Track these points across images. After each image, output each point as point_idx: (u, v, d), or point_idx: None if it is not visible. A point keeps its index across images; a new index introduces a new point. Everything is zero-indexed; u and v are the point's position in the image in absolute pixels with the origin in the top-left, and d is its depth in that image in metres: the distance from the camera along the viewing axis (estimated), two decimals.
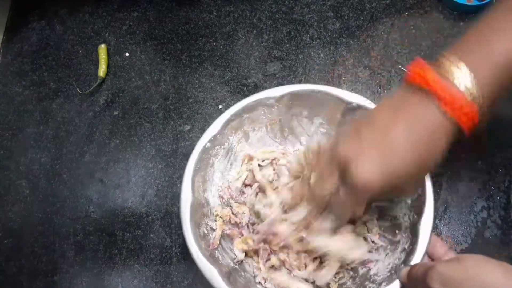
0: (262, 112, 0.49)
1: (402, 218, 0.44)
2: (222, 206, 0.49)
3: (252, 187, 0.49)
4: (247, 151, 0.51)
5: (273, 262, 0.45)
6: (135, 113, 0.62)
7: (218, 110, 0.60)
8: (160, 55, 0.65)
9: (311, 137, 0.52)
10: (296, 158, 0.46)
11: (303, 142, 0.52)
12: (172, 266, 0.52)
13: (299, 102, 0.49)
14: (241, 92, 0.61)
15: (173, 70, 0.64)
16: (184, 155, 0.58)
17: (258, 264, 0.46)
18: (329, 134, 0.50)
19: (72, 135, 0.62)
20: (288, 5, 0.66)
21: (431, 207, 0.40)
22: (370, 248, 0.45)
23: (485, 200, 0.51)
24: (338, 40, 0.62)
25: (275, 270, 0.45)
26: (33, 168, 0.60)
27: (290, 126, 0.51)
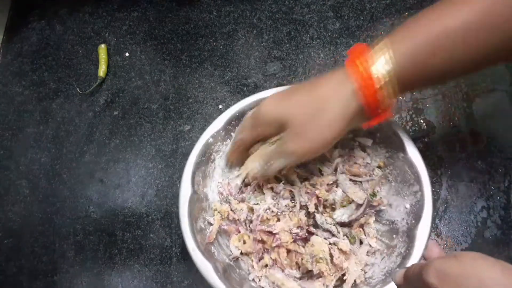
0: None
1: (400, 222, 0.44)
2: (221, 202, 0.49)
3: (251, 185, 0.49)
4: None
5: (266, 261, 0.45)
6: (135, 113, 0.62)
7: (218, 110, 0.60)
8: (160, 55, 0.65)
9: None
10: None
11: None
12: (172, 266, 0.52)
13: None
14: (241, 92, 0.61)
15: (173, 70, 0.64)
16: (184, 155, 0.58)
17: (252, 262, 0.46)
18: None
19: (72, 135, 0.62)
20: (288, 5, 0.66)
21: (429, 213, 0.40)
22: (367, 251, 0.45)
23: (485, 200, 0.51)
24: (338, 40, 0.62)
25: (270, 268, 0.45)
26: (33, 168, 0.60)
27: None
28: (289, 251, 0.45)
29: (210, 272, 0.40)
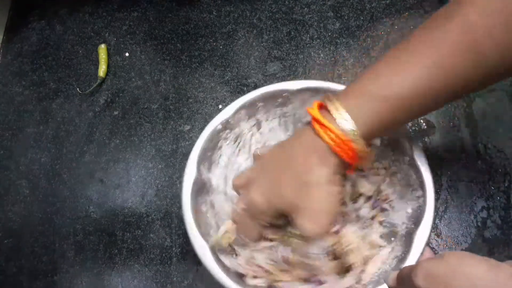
0: (277, 103, 0.49)
1: (400, 226, 0.44)
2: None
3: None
4: (258, 140, 0.51)
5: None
6: (135, 113, 0.62)
7: (218, 110, 0.60)
8: (160, 55, 0.65)
9: None
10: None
11: None
12: (172, 266, 0.52)
13: (316, 98, 0.49)
14: (241, 92, 0.61)
15: (173, 70, 0.64)
16: (184, 155, 0.58)
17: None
18: None
19: (72, 135, 0.62)
20: (288, 5, 0.66)
21: (430, 219, 0.40)
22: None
23: (485, 200, 0.51)
24: (338, 40, 0.62)
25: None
26: (33, 168, 0.60)
27: (304, 121, 0.51)
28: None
29: (207, 254, 0.41)
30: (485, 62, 0.32)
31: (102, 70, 0.64)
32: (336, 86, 0.47)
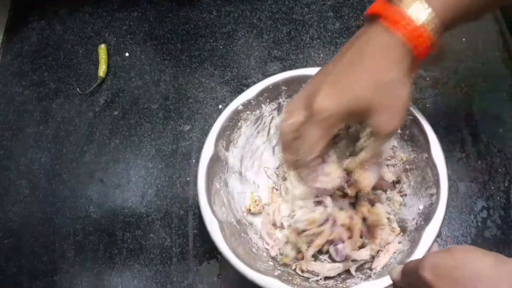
0: (300, 88, 0.49)
1: (410, 222, 0.44)
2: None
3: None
4: (278, 124, 0.51)
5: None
6: (135, 113, 0.62)
7: (218, 110, 0.60)
8: (160, 55, 0.65)
9: None
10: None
11: None
12: (172, 266, 0.52)
13: None
14: (241, 92, 0.60)
15: (173, 70, 0.64)
16: (184, 155, 0.58)
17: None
18: None
19: (72, 135, 0.62)
20: (288, 5, 0.66)
21: (441, 217, 0.40)
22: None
23: (485, 200, 0.51)
24: (338, 40, 0.62)
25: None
26: (33, 168, 0.60)
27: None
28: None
29: (215, 229, 0.41)
30: None
31: (102, 70, 0.64)
32: None
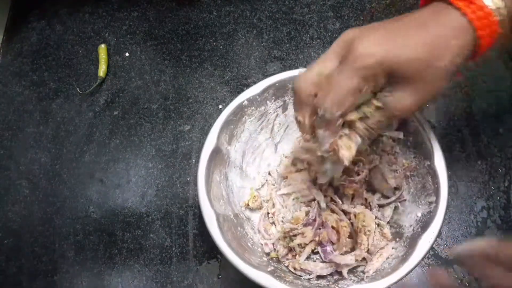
0: None
1: (407, 228, 0.44)
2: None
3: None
4: (281, 122, 0.52)
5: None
6: (135, 113, 0.62)
7: (218, 110, 0.60)
8: (160, 55, 0.65)
9: None
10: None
11: None
12: (172, 266, 0.52)
13: None
14: (241, 92, 0.60)
15: (173, 70, 0.64)
16: (184, 155, 0.58)
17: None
18: None
19: (72, 135, 0.62)
20: (288, 5, 0.66)
21: (438, 225, 0.40)
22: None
23: (485, 200, 0.51)
24: None
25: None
26: (33, 168, 0.60)
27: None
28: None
29: (212, 219, 0.41)
30: None
31: (102, 70, 0.64)
32: None
